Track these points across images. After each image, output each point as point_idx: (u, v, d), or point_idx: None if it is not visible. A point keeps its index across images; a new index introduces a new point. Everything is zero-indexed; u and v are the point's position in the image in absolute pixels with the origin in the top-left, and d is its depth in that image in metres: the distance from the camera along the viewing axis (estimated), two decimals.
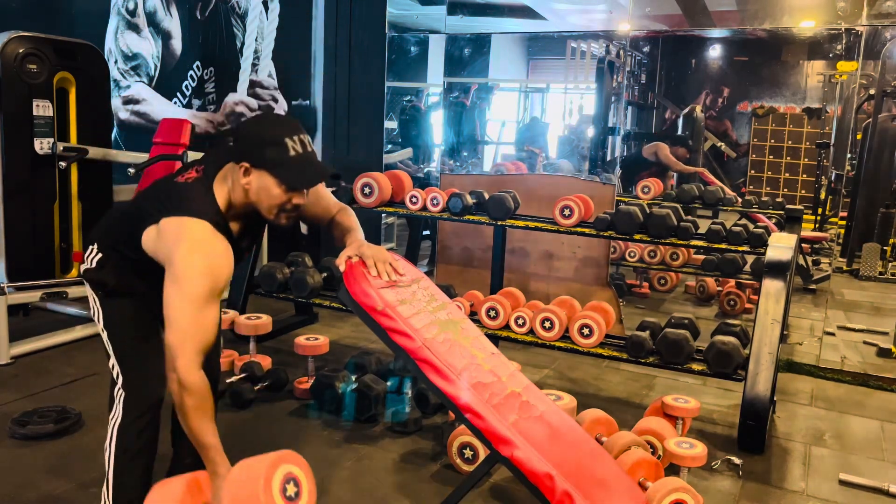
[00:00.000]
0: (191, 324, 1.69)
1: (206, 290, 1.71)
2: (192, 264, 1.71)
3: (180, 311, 1.69)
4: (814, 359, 4.11)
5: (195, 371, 1.67)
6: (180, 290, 1.69)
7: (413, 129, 5.87)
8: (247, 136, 1.83)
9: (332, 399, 3.17)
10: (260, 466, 1.68)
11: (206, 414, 1.70)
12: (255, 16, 5.45)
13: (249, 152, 1.79)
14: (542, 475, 1.98)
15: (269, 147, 1.77)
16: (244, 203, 1.84)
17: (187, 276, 1.70)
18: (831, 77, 4.70)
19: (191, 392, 1.67)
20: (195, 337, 1.69)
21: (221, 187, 1.84)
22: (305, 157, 1.80)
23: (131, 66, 5.38)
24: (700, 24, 4.54)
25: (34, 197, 3.83)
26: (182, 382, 1.66)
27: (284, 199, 1.81)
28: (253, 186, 1.79)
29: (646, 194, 4.81)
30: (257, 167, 1.78)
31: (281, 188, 1.79)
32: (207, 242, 1.75)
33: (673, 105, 5.39)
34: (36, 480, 2.53)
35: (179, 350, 1.67)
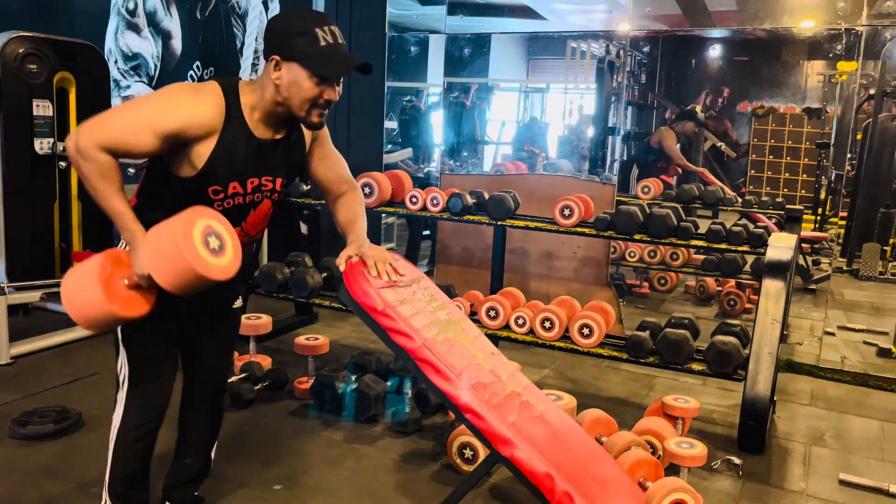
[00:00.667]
0: (112, 114, 1.72)
1: (149, 106, 1.72)
2: (162, 91, 1.75)
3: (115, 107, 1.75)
4: (814, 359, 4.11)
5: (94, 147, 1.63)
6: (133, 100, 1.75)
7: (413, 129, 5.88)
8: (276, 30, 1.79)
9: (332, 399, 3.17)
10: (177, 222, 1.65)
11: (109, 180, 1.66)
12: (255, 16, 5.45)
13: (279, 45, 1.75)
14: (541, 475, 1.98)
15: (298, 38, 1.73)
16: (274, 101, 1.79)
17: (148, 95, 1.77)
18: (831, 77, 4.70)
19: (87, 158, 1.63)
20: (108, 126, 1.67)
21: (247, 90, 1.80)
22: (336, 47, 1.76)
23: (131, 66, 5.37)
24: (700, 24, 4.54)
25: (34, 197, 3.83)
26: (80, 151, 1.63)
27: (316, 93, 1.76)
28: (284, 80, 1.75)
29: (646, 194, 4.81)
30: (287, 59, 1.74)
31: (313, 80, 1.74)
32: (193, 86, 1.77)
33: (673, 105, 5.39)
34: (36, 480, 2.53)
35: (88, 125, 1.66)
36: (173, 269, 1.64)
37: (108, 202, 1.67)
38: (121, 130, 1.67)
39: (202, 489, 2.28)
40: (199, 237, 1.65)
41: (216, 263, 1.68)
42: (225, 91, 1.77)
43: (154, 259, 1.65)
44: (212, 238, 1.68)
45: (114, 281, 1.67)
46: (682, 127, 5.12)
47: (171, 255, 1.62)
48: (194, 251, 1.62)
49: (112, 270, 1.68)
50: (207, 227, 1.68)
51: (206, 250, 1.65)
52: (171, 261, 1.63)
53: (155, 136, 1.68)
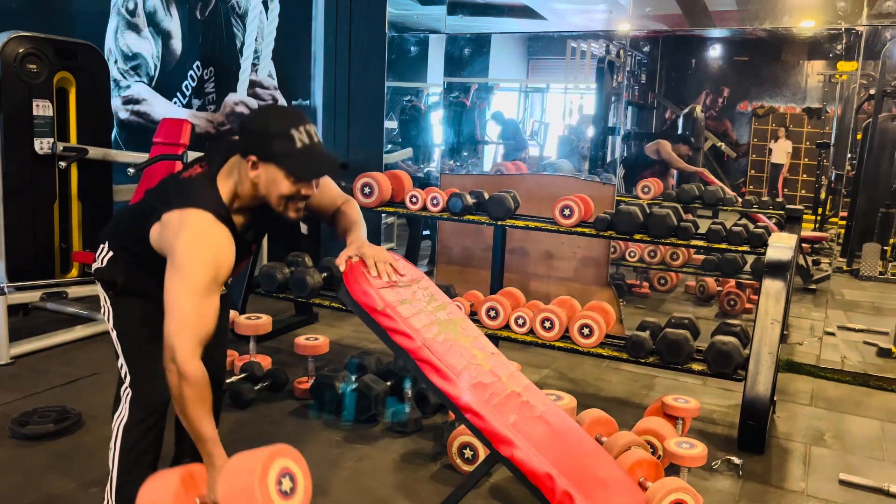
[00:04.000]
0: (191, 313, 1.68)
1: (207, 278, 1.71)
2: (193, 253, 1.71)
3: (180, 299, 1.68)
4: (814, 359, 4.11)
5: (194, 361, 1.66)
6: (180, 279, 1.69)
7: (413, 129, 5.87)
8: (253, 129, 1.82)
9: (332, 399, 3.17)
10: (256, 459, 1.67)
11: (203, 405, 1.69)
12: (255, 16, 5.45)
13: (256, 145, 1.78)
14: (541, 475, 1.98)
15: (275, 139, 1.76)
16: (252, 196, 1.83)
17: (188, 265, 1.70)
18: (831, 77, 4.70)
19: (189, 382, 1.65)
20: (195, 326, 1.68)
21: (226, 181, 1.83)
22: (313, 148, 1.80)
23: (131, 66, 5.37)
24: (700, 24, 4.54)
25: (34, 197, 3.83)
26: (181, 372, 1.65)
27: (294, 191, 1.80)
28: (262, 179, 1.79)
29: (646, 194, 4.81)
30: (265, 160, 1.77)
31: (289, 180, 1.78)
32: (208, 231, 1.75)
33: (673, 105, 5.39)
34: (36, 480, 2.53)
35: (178, 339, 1.66)
36: None
37: (201, 429, 1.70)
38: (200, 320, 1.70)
39: None
40: (274, 480, 1.66)
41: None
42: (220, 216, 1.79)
43: (226, 494, 1.67)
44: (286, 480, 1.70)
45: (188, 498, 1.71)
46: (678, 150, 5.14)
47: (242, 497, 1.64)
48: (267, 497, 1.63)
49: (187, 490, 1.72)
50: (284, 468, 1.70)
51: (278, 493, 1.66)
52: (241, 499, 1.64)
53: (218, 289, 1.75)
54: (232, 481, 1.67)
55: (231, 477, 1.67)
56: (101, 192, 4.16)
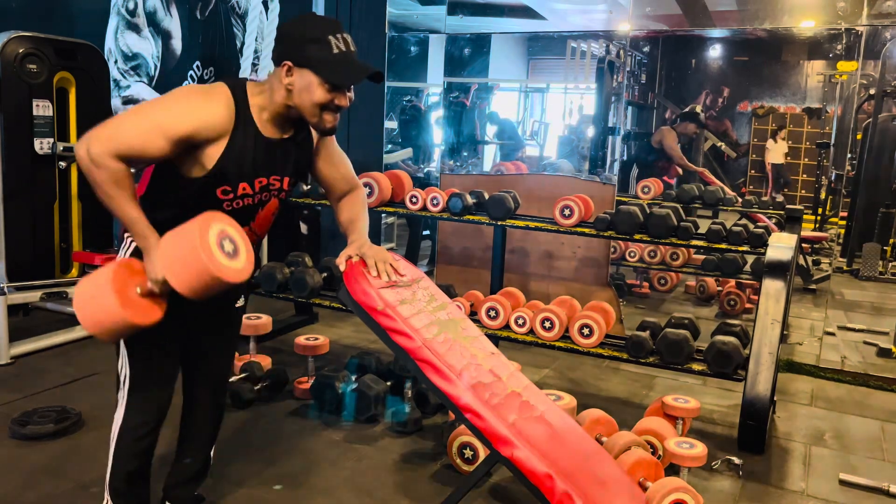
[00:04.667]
0: (123, 120, 1.73)
1: (162, 114, 1.70)
2: (175, 94, 1.76)
3: (128, 112, 1.72)
4: (814, 359, 4.11)
5: (107, 155, 1.63)
6: (143, 104, 1.75)
7: (413, 129, 5.87)
8: (289, 35, 1.79)
9: (332, 399, 3.17)
10: (192, 226, 1.66)
11: (121, 187, 1.66)
12: (255, 16, 5.45)
13: (291, 50, 1.75)
14: (541, 475, 1.98)
15: (311, 44, 1.74)
16: (285, 105, 1.80)
17: (162, 98, 1.75)
18: (831, 77, 4.70)
19: (102, 167, 1.63)
20: (120, 132, 1.67)
21: (256, 92, 1.80)
22: (348, 55, 1.77)
23: (131, 66, 5.37)
24: (700, 24, 4.54)
25: (34, 197, 3.83)
26: (93, 159, 1.62)
27: (328, 99, 1.77)
28: (296, 86, 1.76)
29: (646, 194, 4.81)
30: (300, 65, 1.74)
31: (324, 87, 1.75)
32: (206, 89, 1.76)
33: (673, 105, 5.39)
34: (36, 480, 2.53)
35: (100, 131, 1.65)
36: (189, 273, 1.65)
37: (122, 209, 1.69)
38: (133, 136, 1.67)
39: (202, 489, 2.28)
40: (215, 241, 1.66)
41: (231, 266, 1.69)
42: (234, 92, 1.77)
43: (170, 263, 1.66)
44: (226, 242, 1.69)
45: (127, 288, 1.68)
46: (684, 128, 5.13)
47: (188, 259, 1.63)
48: (211, 254, 1.63)
49: (125, 278, 1.70)
50: (221, 231, 1.70)
51: (222, 253, 1.66)
52: (187, 264, 1.64)
53: (167, 141, 1.68)
54: (173, 252, 1.66)
55: (170, 248, 1.66)
56: None
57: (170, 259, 1.66)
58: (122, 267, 1.73)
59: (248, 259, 1.75)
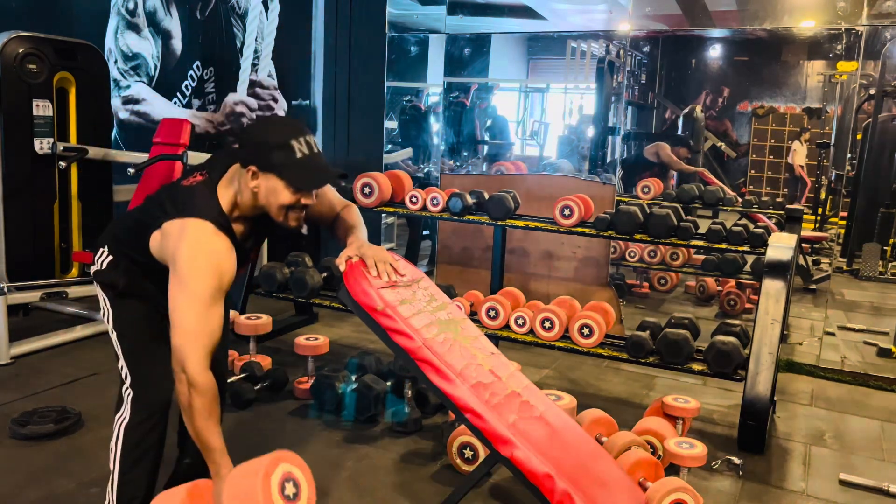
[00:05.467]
0: (197, 323, 1.70)
1: (211, 288, 1.72)
2: (196, 264, 1.72)
3: (186, 311, 1.70)
4: (814, 359, 4.11)
5: (204, 371, 1.68)
6: (185, 291, 1.70)
7: (413, 129, 5.87)
8: (252, 140, 1.84)
9: (332, 399, 3.17)
10: (259, 465, 1.68)
11: (212, 416, 1.71)
12: (255, 16, 5.45)
13: (256, 156, 1.80)
14: (541, 475, 1.98)
15: (275, 150, 1.78)
16: (252, 205, 1.85)
17: (191, 276, 1.71)
18: (831, 77, 4.69)
19: (200, 393, 1.67)
20: (202, 337, 1.70)
21: (226, 190, 1.85)
22: (312, 159, 1.82)
23: (131, 66, 5.37)
24: (700, 24, 4.54)
25: (34, 197, 3.83)
26: (192, 383, 1.66)
27: (294, 200, 1.82)
28: (262, 189, 1.81)
29: (646, 194, 4.81)
30: (265, 170, 1.79)
31: (289, 190, 1.80)
32: (209, 241, 1.76)
33: (673, 105, 5.38)
34: (36, 480, 2.53)
35: (187, 350, 1.67)
36: None
37: (209, 439, 1.72)
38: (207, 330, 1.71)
39: None
40: (277, 485, 1.67)
41: None
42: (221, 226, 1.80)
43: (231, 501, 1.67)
44: (289, 485, 1.71)
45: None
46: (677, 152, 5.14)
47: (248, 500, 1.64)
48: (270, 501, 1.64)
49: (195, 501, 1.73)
50: (287, 473, 1.72)
51: (282, 498, 1.67)
52: None
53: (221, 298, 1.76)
54: (236, 489, 1.68)
55: (235, 485, 1.68)
56: (101, 192, 4.17)
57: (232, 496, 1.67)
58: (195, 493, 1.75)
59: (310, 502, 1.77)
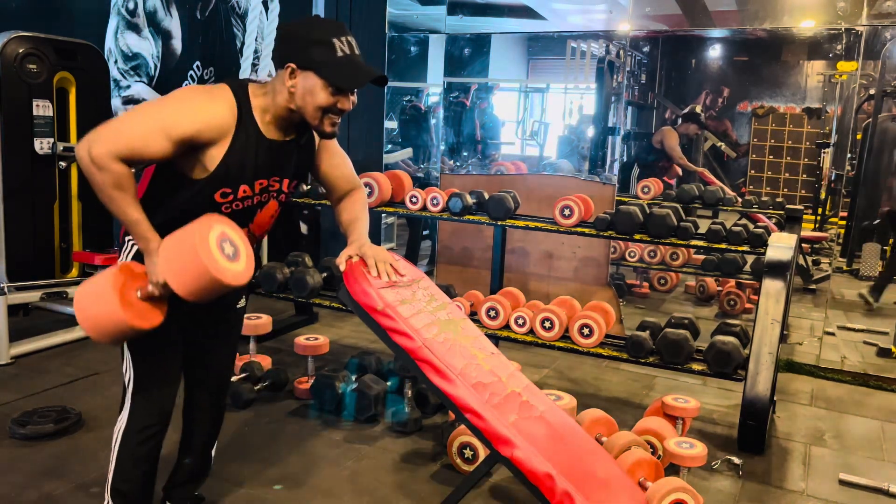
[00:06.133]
0: (124, 121, 1.72)
1: (165, 114, 1.69)
2: (173, 95, 1.74)
3: (131, 112, 1.71)
4: (814, 359, 4.11)
5: (109, 156, 1.62)
6: (147, 103, 1.74)
7: (413, 129, 5.87)
8: (292, 37, 1.78)
9: (332, 399, 3.17)
10: (192, 229, 1.66)
11: (123, 189, 1.66)
12: (255, 16, 5.45)
13: (296, 52, 1.74)
14: (541, 475, 1.98)
15: (315, 47, 1.73)
16: (287, 108, 1.79)
17: (160, 99, 1.74)
18: (831, 77, 4.70)
19: (104, 169, 1.62)
20: (121, 134, 1.65)
21: (259, 91, 1.80)
22: (353, 58, 1.76)
23: (131, 66, 5.37)
24: (700, 24, 4.54)
25: (34, 197, 3.83)
26: (94, 161, 1.62)
27: (331, 102, 1.76)
28: (299, 88, 1.75)
29: (646, 194, 4.81)
30: (303, 68, 1.73)
31: (328, 90, 1.74)
32: (208, 91, 1.75)
33: (673, 105, 5.38)
34: (36, 480, 2.53)
35: (101, 132, 1.64)
36: (190, 275, 1.65)
37: (124, 211, 1.68)
38: (135, 137, 1.66)
39: (202, 489, 2.28)
40: (216, 243, 1.66)
41: (232, 269, 1.69)
42: (236, 93, 1.77)
43: (170, 266, 1.65)
44: (226, 244, 1.69)
45: (128, 292, 1.68)
46: (685, 128, 5.13)
47: (188, 261, 1.63)
48: (211, 256, 1.63)
49: (126, 281, 1.70)
50: (222, 233, 1.69)
51: (223, 256, 1.66)
52: (188, 266, 1.64)
53: (170, 142, 1.67)
54: (174, 255, 1.65)
55: (171, 251, 1.66)
56: None
57: (170, 262, 1.66)
58: (124, 270, 1.73)
59: (249, 261, 1.75)
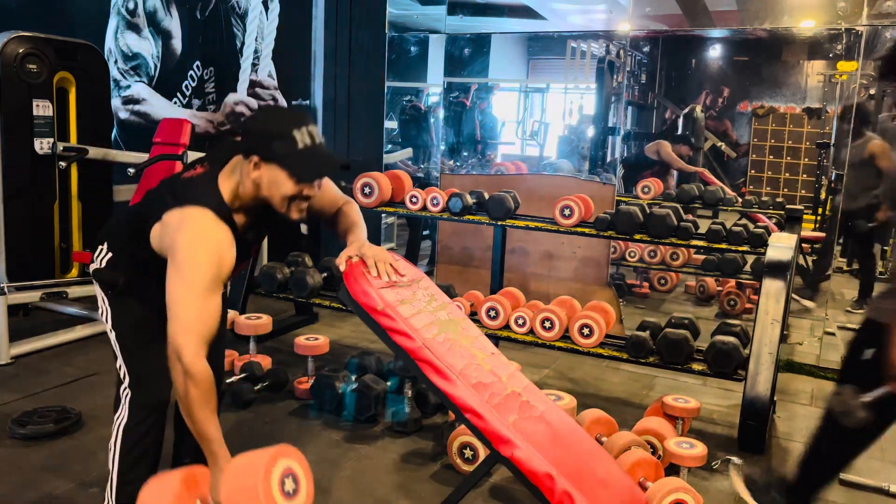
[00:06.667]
0: (194, 312, 1.68)
1: (208, 277, 1.70)
2: (194, 252, 1.70)
3: (182, 299, 1.68)
4: (814, 359, 4.11)
5: (200, 361, 1.65)
6: (182, 278, 1.68)
7: (413, 129, 5.87)
8: (255, 130, 1.82)
9: (332, 399, 3.17)
10: (260, 459, 1.67)
11: (209, 405, 1.68)
12: (255, 16, 5.45)
13: (258, 146, 1.78)
14: (541, 475, 1.98)
15: (277, 140, 1.76)
16: (254, 196, 1.83)
17: (189, 264, 1.69)
18: (831, 77, 4.69)
19: (195, 382, 1.64)
20: (199, 326, 1.67)
21: (227, 181, 1.83)
22: (315, 149, 1.79)
23: (131, 66, 5.37)
24: (700, 24, 4.54)
25: (34, 197, 3.83)
26: (187, 372, 1.64)
27: (296, 191, 1.79)
28: (264, 180, 1.78)
29: (646, 194, 4.81)
30: (267, 160, 1.77)
31: (292, 180, 1.78)
32: (209, 230, 1.75)
33: (673, 105, 5.39)
34: (36, 480, 2.53)
35: (184, 339, 1.65)
36: None
37: (206, 429, 1.69)
38: (204, 319, 1.68)
39: None
40: (277, 480, 1.66)
41: None
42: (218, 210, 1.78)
43: (229, 494, 1.66)
44: (288, 480, 1.69)
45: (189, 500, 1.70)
46: (678, 150, 5.14)
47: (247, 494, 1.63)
48: (270, 497, 1.63)
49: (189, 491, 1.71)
50: (287, 468, 1.70)
51: (281, 493, 1.66)
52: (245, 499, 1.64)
53: (220, 288, 1.74)
54: (235, 482, 1.66)
55: (234, 477, 1.67)
56: (101, 192, 4.16)
57: (231, 489, 1.66)
58: (190, 479, 1.74)
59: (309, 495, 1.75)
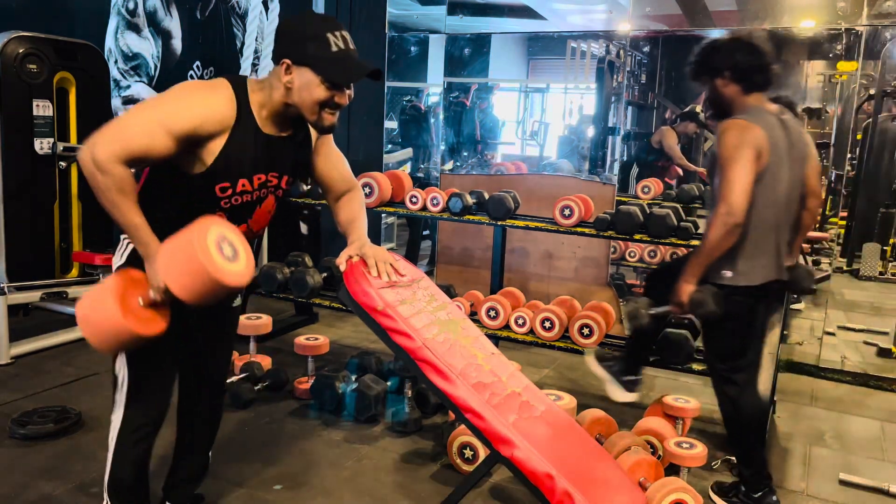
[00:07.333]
0: (125, 121, 1.69)
1: (168, 111, 1.67)
2: (177, 91, 1.73)
3: (132, 111, 1.68)
4: (814, 359, 4.11)
5: (112, 159, 1.60)
6: (145, 101, 1.71)
7: (413, 129, 5.87)
8: (287, 33, 1.79)
9: (332, 399, 3.17)
10: (191, 231, 1.66)
11: (124, 194, 1.65)
12: (255, 16, 5.45)
13: (290, 48, 1.75)
14: (542, 475, 1.98)
15: (310, 42, 1.73)
16: (284, 103, 1.79)
17: (164, 95, 1.72)
18: (831, 77, 4.69)
19: (104, 171, 1.60)
20: (124, 134, 1.63)
21: (257, 86, 1.80)
22: (347, 53, 1.77)
23: (131, 66, 5.37)
24: (700, 24, 4.54)
25: (34, 197, 3.83)
26: (97, 164, 1.60)
27: (328, 97, 1.76)
28: (295, 84, 1.75)
29: (646, 194, 4.81)
30: (298, 63, 1.73)
31: (324, 85, 1.74)
32: (207, 86, 1.75)
33: (673, 105, 5.38)
34: (36, 480, 2.53)
35: (104, 135, 1.62)
36: (190, 278, 1.65)
37: (125, 216, 1.67)
38: (138, 136, 1.64)
39: (202, 488, 2.28)
40: (214, 245, 1.65)
41: (232, 269, 1.69)
42: (234, 88, 1.77)
43: (170, 270, 1.65)
44: (225, 245, 1.69)
45: (129, 299, 1.68)
46: (685, 127, 5.13)
47: (188, 264, 1.63)
48: (211, 258, 1.63)
49: (127, 289, 1.69)
50: (220, 235, 1.69)
51: (222, 257, 1.66)
52: (187, 269, 1.64)
53: (172, 138, 1.66)
54: (173, 258, 1.65)
55: (172, 255, 1.66)
56: None
57: (170, 266, 1.66)
58: (124, 277, 1.73)
59: (248, 261, 1.75)
